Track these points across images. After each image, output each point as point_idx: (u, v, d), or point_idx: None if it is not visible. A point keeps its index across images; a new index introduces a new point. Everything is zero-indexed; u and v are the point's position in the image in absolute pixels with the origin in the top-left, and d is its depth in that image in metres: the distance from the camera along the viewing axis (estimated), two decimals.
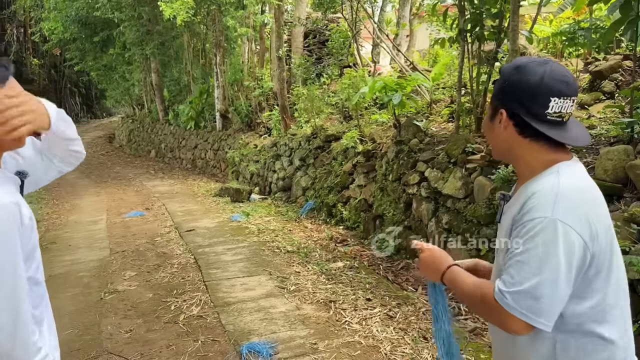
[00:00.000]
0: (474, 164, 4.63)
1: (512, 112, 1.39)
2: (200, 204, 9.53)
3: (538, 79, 1.33)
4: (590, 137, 1.49)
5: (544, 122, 1.34)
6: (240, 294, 4.73)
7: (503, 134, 1.44)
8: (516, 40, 4.36)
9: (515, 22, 4.31)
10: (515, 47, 4.37)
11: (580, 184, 1.35)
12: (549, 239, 1.25)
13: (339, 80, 9.63)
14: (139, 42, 16.32)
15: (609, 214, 1.37)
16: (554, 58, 8.05)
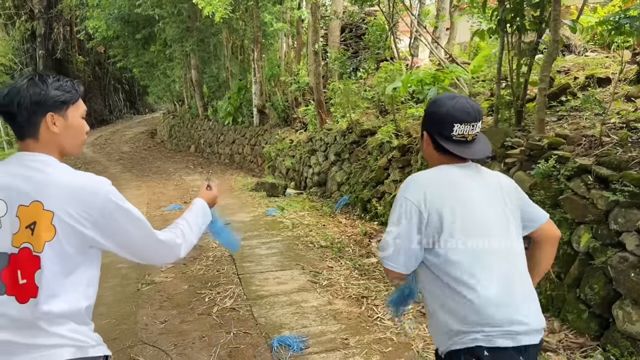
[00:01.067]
0: (513, 159, 4.47)
1: (430, 134, 1.84)
2: (237, 198, 9.61)
3: (445, 111, 1.77)
4: (487, 151, 1.90)
5: (451, 141, 1.78)
6: (272, 287, 4.74)
7: (427, 149, 1.90)
8: (558, 30, 4.17)
9: (557, 12, 4.12)
10: (557, 38, 4.18)
11: (433, 174, 1.82)
12: (395, 208, 1.76)
13: (375, 74, 9.51)
14: (179, 38, 16.60)
15: (464, 193, 1.76)
16: (600, 49, 7.72)
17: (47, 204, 1.41)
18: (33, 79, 1.50)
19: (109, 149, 21.91)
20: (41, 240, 1.41)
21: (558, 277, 3.73)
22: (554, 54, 4.31)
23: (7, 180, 1.44)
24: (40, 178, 1.45)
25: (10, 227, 1.41)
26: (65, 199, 1.43)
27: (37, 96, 1.47)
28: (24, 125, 1.48)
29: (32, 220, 1.41)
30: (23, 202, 1.42)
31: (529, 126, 4.96)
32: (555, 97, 5.39)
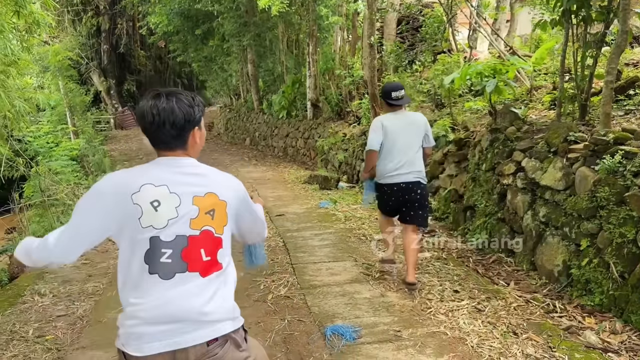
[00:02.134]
0: (576, 154, 4.32)
1: (384, 99, 4.47)
2: (290, 190, 9.76)
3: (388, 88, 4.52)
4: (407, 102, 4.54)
5: (392, 99, 4.37)
6: (325, 278, 4.80)
7: (383, 107, 4.66)
8: (627, 20, 3.98)
9: (626, 1, 3.93)
10: (626, 28, 3.99)
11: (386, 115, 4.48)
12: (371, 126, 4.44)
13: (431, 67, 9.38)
14: (236, 33, 16.92)
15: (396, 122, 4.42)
16: None
17: (221, 195, 1.74)
18: (180, 99, 1.73)
19: None
20: (221, 224, 1.73)
21: (622, 276, 3.59)
22: (623, 46, 4.12)
23: (174, 177, 1.70)
24: (205, 175, 1.77)
25: (187, 214, 1.66)
26: (229, 191, 1.79)
27: (189, 116, 1.74)
28: (176, 137, 1.74)
29: (211, 208, 1.70)
30: (197, 193, 1.69)
31: (593, 120, 4.77)
32: (623, 90, 5.15)
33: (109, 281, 5.14)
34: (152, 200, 1.64)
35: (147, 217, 1.63)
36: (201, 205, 1.68)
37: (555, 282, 4.31)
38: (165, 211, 1.64)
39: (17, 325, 4.15)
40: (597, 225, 3.89)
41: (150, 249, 1.63)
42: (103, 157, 15.28)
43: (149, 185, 1.66)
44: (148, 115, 1.70)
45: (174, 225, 1.64)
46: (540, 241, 4.63)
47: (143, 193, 1.64)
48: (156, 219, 1.63)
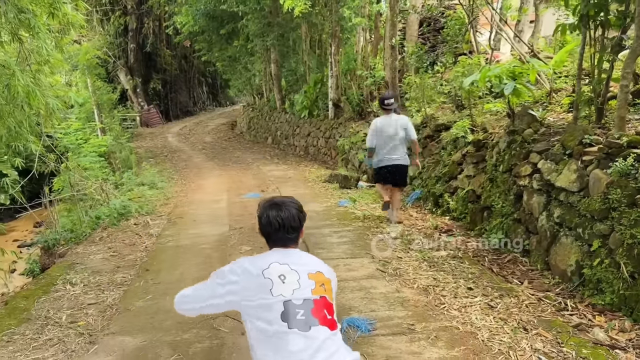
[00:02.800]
0: (590, 156, 4.40)
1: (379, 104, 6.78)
2: (310, 188, 9.94)
3: (381, 96, 6.98)
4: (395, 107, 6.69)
5: (384, 105, 6.54)
6: (343, 273, 4.96)
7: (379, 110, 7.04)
8: None
9: None
10: None
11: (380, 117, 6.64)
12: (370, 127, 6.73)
13: (453, 68, 9.45)
14: (260, 33, 17.18)
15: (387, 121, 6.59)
16: None
17: (326, 274, 2.17)
18: (293, 208, 2.24)
19: (192, 139, 23.09)
20: (330, 294, 2.15)
21: (632, 276, 3.67)
22: (638, 51, 4.18)
23: (293, 259, 2.14)
24: (310, 259, 2.24)
25: (307, 285, 2.08)
26: (330, 273, 2.21)
27: (302, 220, 2.27)
28: (293, 239, 2.23)
29: (322, 282, 2.13)
30: (310, 271, 2.13)
31: (609, 124, 4.83)
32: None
33: (137, 272, 5.39)
34: (279, 274, 2.08)
35: (277, 287, 2.05)
36: (315, 279, 2.11)
37: (568, 282, 4.40)
38: (290, 282, 2.07)
39: (51, 312, 4.41)
40: (609, 227, 3.97)
41: (284, 311, 2.02)
42: (130, 153, 15.68)
43: (275, 264, 2.11)
44: (274, 223, 2.18)
45: (299, 292, 2.05)
46: (554, 241, 4.72)
47: (272, 269, 2.09)
48: (284, 289, 2.05)
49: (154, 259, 5.87)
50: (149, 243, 6.57)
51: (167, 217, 8.09)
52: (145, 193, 9.98)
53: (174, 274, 5.28)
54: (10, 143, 7.26)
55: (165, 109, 32.01)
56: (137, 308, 4.41)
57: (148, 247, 6.41)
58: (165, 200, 9.56)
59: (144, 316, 4.23)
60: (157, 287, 4.91)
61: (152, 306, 4.43)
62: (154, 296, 4.66)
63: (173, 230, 7.14)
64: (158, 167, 14.16)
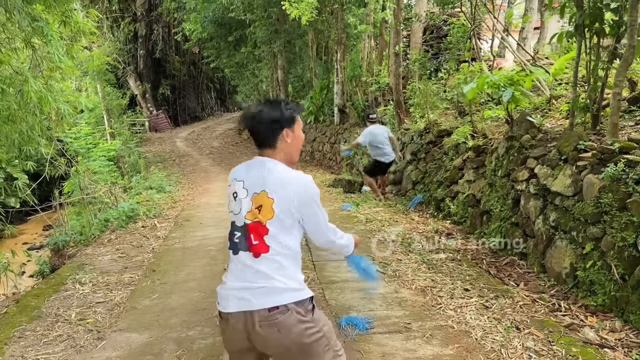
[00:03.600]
0: (584, 162, 4.52)
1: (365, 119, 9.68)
2: None
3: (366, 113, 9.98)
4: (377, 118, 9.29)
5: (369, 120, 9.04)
6: (343, 274, 5.09)
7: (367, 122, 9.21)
8: (634, 35, 4.16)
9: (633, 17, 4.11)
10: (633, 43, 4.17)
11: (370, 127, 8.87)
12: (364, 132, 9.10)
13: (455, 75, 9.59)
14: (267, 40, 17.44)
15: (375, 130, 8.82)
16: None
17: (271, 192, 2.06)
18: (270, 103, 2.14)
19: (200, 143, 23.34)
20: (267, 216, 2.06)
21: (622, 278, 3.78)
22: (630, 59, 4.30)
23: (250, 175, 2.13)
24: (268, 174, 2.10)
25: (246, 208, 2.09)
26: (281, 188, 2.07)
27: (275, 116, 2.11)
28: (266, 138, 2.13)
29: (260, 204, 2.07)
30: (256, 190, 2.09)
31: (604, 130, 4.95)
32: (636, 101, 5.30)
33: (144, 273, 5.55)
34: (234, 191, 2.13)
35: (230, 204, 2.14)
36: (255, 201, 2.08)
37: (562, 284, 4.51)
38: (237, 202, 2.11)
39: (60, 310, 4.57)
40: (601, 230, 4.08)
41: (231, 230, 2.13)
42: (138, 158, 15.92)
43: (234, 180, 2.16)
44: (244, 123, 2.15)
45: (240, 214, 2.10)
46: (550, 244, 4.83)
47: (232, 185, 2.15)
48: (233, 207, 2.13)
49: (161, 260, 6.03)
50: (156, 245, 6.74)
51: (174, 220, 8.26)
52: (153, 196, 10.18)
53: (180, 274, 5.44)
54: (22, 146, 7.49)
55: (174, 114, 32.36)
56: (143, 306, 4.56)
57: (155, 248, 6.57)
58: (173, 203, 9.74)
59: (150, 314, 4.38)
60: (163, 287, 5.06)
61: (158, 305, 4.58)
62: (160, 295, 4.81)
63: (179, 233, 7.31)
64: (166, 171, 14.37)
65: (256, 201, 2.08)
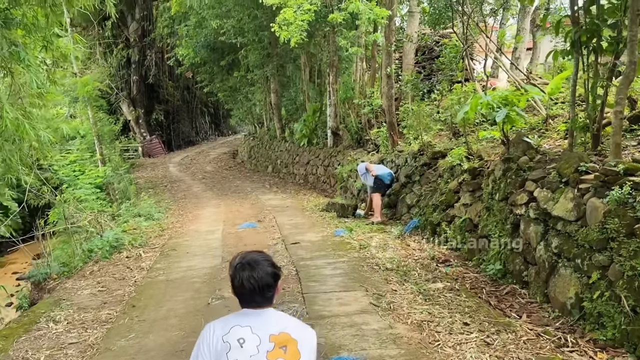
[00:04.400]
0: (587, 184, 4.26)
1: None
2: (308, 218, 9.80)
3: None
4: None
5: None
6: (335, 308, 4.79)
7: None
8: (635, 51, 3.95)
9: (633, 32, 3.91)
10: (634, 59, 3.96)
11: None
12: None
13: (448, 96, 9.41)
14: (260, 64, 17.35)
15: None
16: None
17: (293, 334, 2.06)
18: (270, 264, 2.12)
19: (193, 168, 23.08)
20: (294, 357, 2.02)
21: (634, 310, 3.50)
22: (631, 76, 4.09)
23: (255, 320, 2.06)
24: (279, 320, 2.10)
25: (265, 350, 2.00)
26: (302, 334, 2.09)
27: (278, 277, 2.12)
28: (268, 299, 2.10)
29: (284, 344, 2.02)
30: (273, 332, 2.03)
31: (605, 150, 4.71)
32: (638, 120, 5.09)
33: (123, 309, 5.22)
34: (238, 338, 2.01)
35: (234, 352, 1.98)
36: (277, 341, 2.02)
37: (568, 315, 4.21)
38: (248, 348, 1.99)
39: (29, 352, 4.24)
40: (608, 257, 3.81)
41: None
42: (129, 184, 15.61)
43: (237, 327, 2.04)
44: (248, 286, 2.05)
45: (255, 358, 1.98)
46: (553, 272, 4.54)
47: (232, 333, 2.02)
48: (240, 354, 1.99)
49: (142, 294, 5.70)
50: (139, 277, 6.41)
51: (160, 249, 7.94)
52: (141, 224, 9.86)
53: (160, 310, 5.11)
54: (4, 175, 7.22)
55: (168, 139, 32.17)
56: (118, 348, 4.24)
57: (138, 281, 6.25)
58: (161, 231, 9.43)
59: (124, 357, 4.06)
60: (141, 325, 4.73)
61: (134, 346, 4.26)
62: (137, 335, 4.49)
63: (164, 264, 6.99)
64: (156, 198, 14.06)
65: (278, 342, 2.03)
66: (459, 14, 8.43)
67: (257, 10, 14.18)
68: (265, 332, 2.03)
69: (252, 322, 2.05)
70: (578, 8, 4.78)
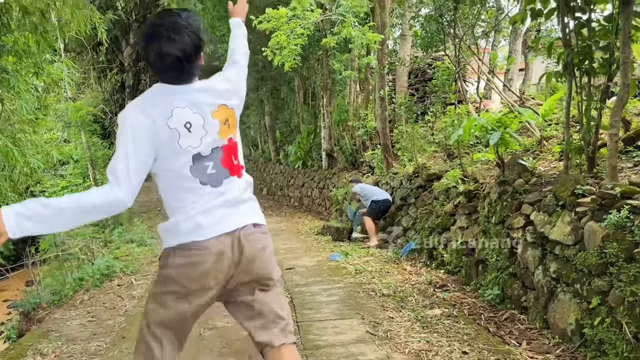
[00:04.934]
0: (584, 208, 4.21)
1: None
2: (303, 241, 9.69)
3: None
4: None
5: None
6: (330, 337, 4.67)
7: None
8: (628, 74, 3.94)
9: (626, 54, 3.91)
10: (627, 82, 3.95)
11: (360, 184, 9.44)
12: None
13: (442, 117, 9.43)
14: (254, 87, 17.41)
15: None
16: None
17: (228, 103, 2.02)
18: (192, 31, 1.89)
19: None
20: (235, 129, 2.05)
21: (635, 337, 3.41)
22: (625, 99, 4.07)
23: (190, 98, 1.92)
24: (211, 90, 2.00)
25: (213, 129, 1.94)
26: (231, 95, 2.05)
27: (202, 43, 1.95)
28: (191, 73, 1.95)
29: (226, 117, 1.99)
30: (212, 107, 1.96)
31: (601, 173, 4.67)
32: (632, 141, 5.06)
33: (113, 340, 5.08)
34: (184, 122, 1.88)
35: (184, 138, 1.88)
36: (219, 117, 1.96)
37: (568, 342, 4.12)
38: (196, 130, 1.90)
39: None
40: (608, 283, 3.73)
41: (193, 165, 1.93)
42: None
43: (177, 109, 1.88)
44: (168, 59, 1.84)
45: (206, 140, 1.93)
46: (552, 298, 4.46)
47: (175, 117, 1.86)
48: (191, 139, 1.90)
49: (133, 324, 5.56)
50: (129, 306, 6.27)
51: (153, 276, 7.80)
52: (133, 251, 9.72)
53: None
54: None
55: None
56: None
57: (128, 310, 6.10)
58: (153, 257, 9.28)
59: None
60: (131, 358, 4.59)
61: None
62: None
63: None
64: (150, 222, 13.91)
65: (221, 117, 1.96)
66: (451, 37, 8.48)
67: (251, 35, 14.24)
68: (205, 109, 1.93)
69: (188, 100, 1.90)
70: (569, 30, 4.79)
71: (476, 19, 8.61)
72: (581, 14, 4.78)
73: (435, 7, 8.60)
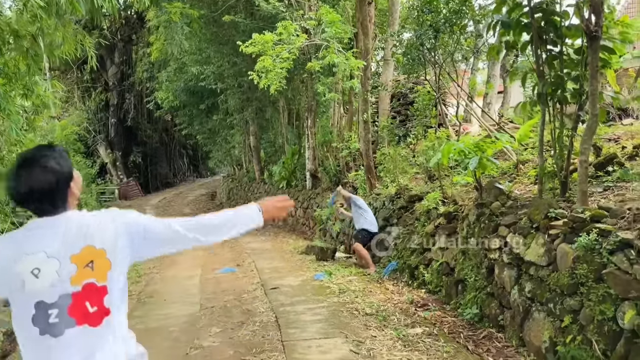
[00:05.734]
0: (556, 230, 4.43)
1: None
2: (287, 261, 9.79)
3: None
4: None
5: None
6: (315, 356, 4.78)
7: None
8: (596, 104, 4.22)
9: (594, 87, 4.19)
10: (595, 111, 4.22)
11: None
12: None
13: (423, 140, 9.70)
14: (239, 108, 17.62)
15: None
16: None
17: (98, 244, 1.79)
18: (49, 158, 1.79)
19: (171, 210, 22.91)
20: (104, 271, 1.78)
21: (604, 354, 3.60)
22: (594, 127, 4.34)
23: (52, 242, 1.75)
24: (81, 228, 1.79)
25: (67, 274, 1.73)
26: (106, 234, 1.82)
27: (61, 175, 1.80)
28: (59, 199, 1.81)
29: (90, 260, 1.76)
30: (73, 251, 1.75)
31: (573, 197, 4.92)
32: (602, 167, 5.34)
33: None
34: (32, 269, 1.72)
35: (30, 285, 1.71)
36: (78, 261, 1.75)
37: (543, 359, 4.29)
38: (45, 275, 1.72)
39: None
40: (579, 302, 3.93)
41: (36, 314, 1.72)
42: None
43: (28, 256, 1.73)
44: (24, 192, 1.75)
45: (55, 287, 1.72)
46: (527, 317, 4.65)
47: (24, 263, 1.72)
48: (37, 286, 1.72)
49: None
50: None
51: (137, 296, 7.82)
52: None
53: None
54: None
55: (145, 181, 31.98)
56: None
57: None
58: (137, 278, 9.30)
59: None
60: None
61: None
62: None
63: (142, 312, 6.89)
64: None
65: (80, 261, 1.75)
66: (431, 63, 8.80)
67: (237, 57, 14.51)
68: (65, 252, 1.75)
69: (46, 242, 1.75)
70: (542, 62, 5.07)
71: (455, 47, 8.96)
72: (553, 46, 5.09)
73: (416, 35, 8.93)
